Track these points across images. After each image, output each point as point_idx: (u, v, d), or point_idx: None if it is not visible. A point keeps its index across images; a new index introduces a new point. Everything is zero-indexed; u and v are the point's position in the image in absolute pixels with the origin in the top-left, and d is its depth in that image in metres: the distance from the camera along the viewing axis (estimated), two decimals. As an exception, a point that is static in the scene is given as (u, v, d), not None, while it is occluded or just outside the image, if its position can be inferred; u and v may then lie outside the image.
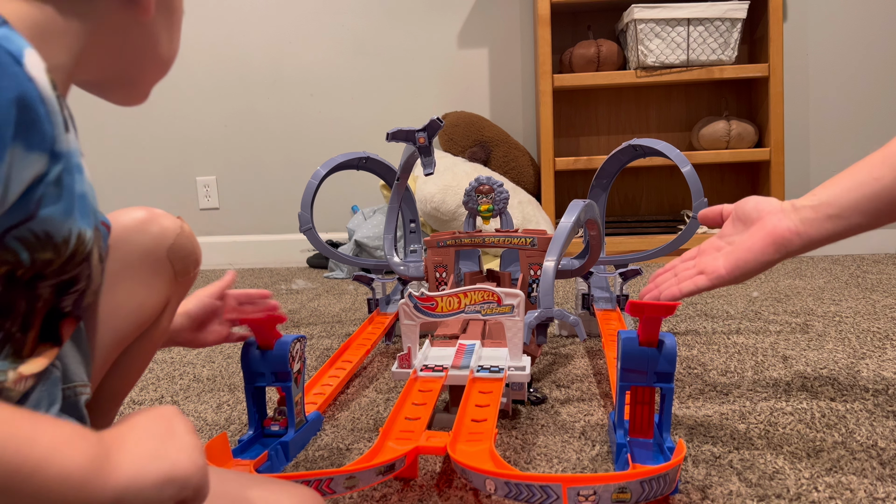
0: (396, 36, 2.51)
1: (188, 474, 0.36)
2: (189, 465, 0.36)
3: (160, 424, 0.38)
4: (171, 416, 0.39)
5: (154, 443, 0.37)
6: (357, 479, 0.60)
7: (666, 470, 0.55)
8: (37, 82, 0.35)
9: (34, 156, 0.36)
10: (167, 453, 0.36)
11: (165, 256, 0.62)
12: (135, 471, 0.35)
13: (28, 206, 0.37)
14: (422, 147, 1.05)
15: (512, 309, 0.82)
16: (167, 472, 0.35)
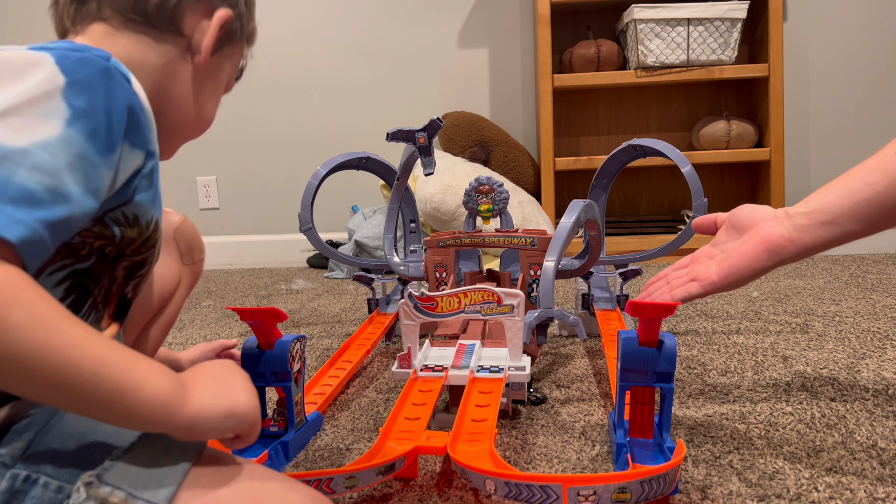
0: (397, 36, 2.51)
1: (246, 410, 0.43)
2: (247, 403, 0.44)
3: (225, 371, 0.45)
4: (232, 366, 0.47)
5: (220, 384, 0.44)
6: (357, 479, 0.60)
7: (666, 470, 0.55)
8: (140, 97, 0.46)
9: (136, 152, 0.46)
10: (231, 392, 0.43)
11: (172, 237, 0.73)
12: (205, 402, 0.42)
13: (127, 192, 0.47)
14: (422, 147, 1.05)
15: (512, 309, 0.82)
16: (230, 407, 0.43)
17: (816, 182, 2.41)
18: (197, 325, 1.54)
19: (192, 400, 0.41)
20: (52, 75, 0.42)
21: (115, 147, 0.44)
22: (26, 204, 0.38)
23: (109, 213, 0.47)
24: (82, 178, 0.41)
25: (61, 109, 0.41)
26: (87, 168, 0.42)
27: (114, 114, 0.44)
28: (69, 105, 0.41)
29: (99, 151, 0.42)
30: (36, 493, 0.41)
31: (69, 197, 0.40)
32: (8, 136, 0.39)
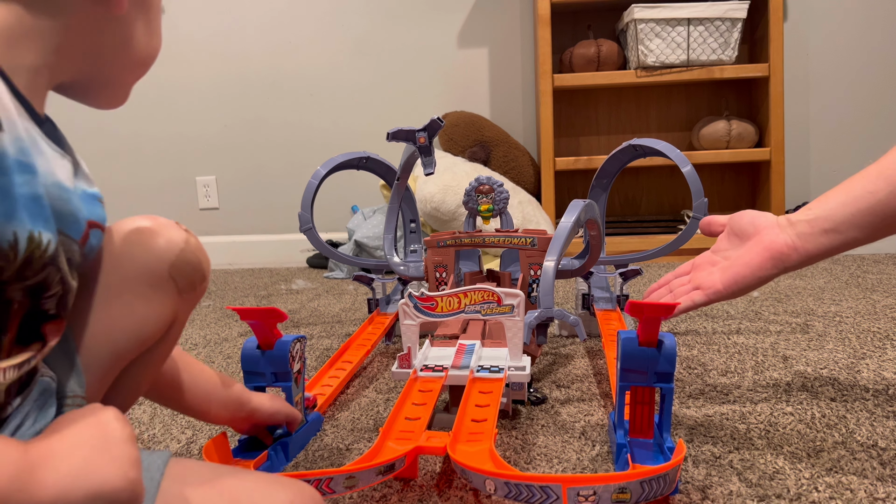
0: (396, 36, 2.51)
1: (117, 489, 0.34)
2: (119, 480, 0.35)
3: (93, 433, 0.36)
4: (106, 423, 0.37)
5: (84, 455, 0.35)
6: (357, 479, 0.60)
7: (666, 470, 0.55)
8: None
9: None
10: (97, 468, 0.34)
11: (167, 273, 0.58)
12: (60, 488, 0.33)
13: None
14: (422, 147, 1.05)
15: (512, 309, 0.82)
16: (95, 489, 0.34)
17: (816, 182, 2.41)
18: (197, 325, 1.54)
19: (41, 488, 0.33)
20: None
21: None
22: None
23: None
24: None
25: None
26: None
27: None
28: None
29: None
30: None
31: None
32: None
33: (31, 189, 0.39)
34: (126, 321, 0.56)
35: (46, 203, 0.40)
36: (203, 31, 2.56)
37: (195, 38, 2.56)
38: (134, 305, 0.56)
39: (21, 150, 0.39)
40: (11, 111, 0.38)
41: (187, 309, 0.63)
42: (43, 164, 0.40)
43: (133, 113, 2.58)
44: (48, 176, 0.40)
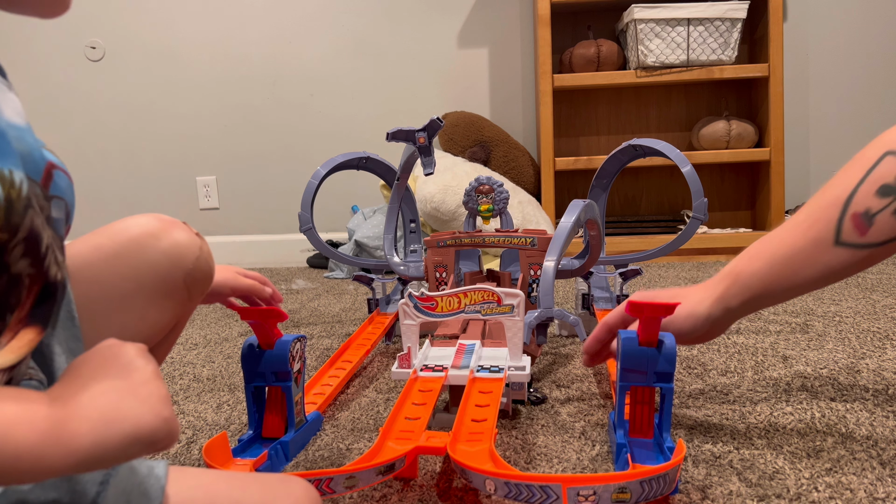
0: (396, 36, 2.51)
1: (153, 430, 0.33)
2: (153, 419, 0.33)
3: (115, 372, 0.34)
4: (128, 361, 0.35)
5: (112, 400, 0.33)
6: (357, 479, 0.60)
7: (666, 470, 0.55)
8: None
9: None
10: (128, 411, 0.33)
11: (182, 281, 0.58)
12: (95, 438, 0.32)
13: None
14: (422, 147, 1.05)
15: (512, 309, 0.82)
16: (130, 433, 0.32)
17: (816, 182, 2.42)
18: (197, 325, 1.54)
19: (76, 439, 0.31)
20: None
21: None
22: None
23: None
24: None
25: None
26: None
27: None
28: None
29: None
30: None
31: None
32: None
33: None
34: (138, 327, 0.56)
35: (9, 140, 0.35)
36: (203, 32, 2.56)
37: (195, 39, 2.56)
38: (147, 312, 0.57)
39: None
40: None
41: (190, 311, 0.65)
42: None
43: (133, 113, 2.58)
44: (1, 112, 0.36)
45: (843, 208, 0.61)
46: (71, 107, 2.58)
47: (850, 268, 0.64)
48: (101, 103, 2.57)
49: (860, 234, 0.61)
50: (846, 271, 0.64)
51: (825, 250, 0.63)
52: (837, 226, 0.62)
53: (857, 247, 0.62)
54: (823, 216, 0.63)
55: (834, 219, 0.62)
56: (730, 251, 2.23)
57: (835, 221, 0.62)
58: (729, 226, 2.40)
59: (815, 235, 0.63)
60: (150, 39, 2.57)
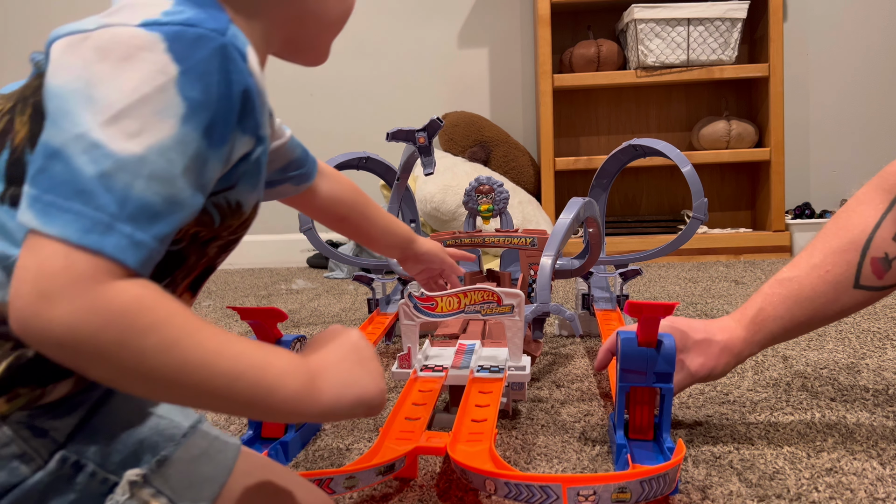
0: (397, 36, 2.51)
1: (374, 396, 0.42)
2: (374, 389, 0.42)
3: (351, 350, 0.44)
4: (357, 342, 0.45)
5: (348, 369, 0.42)
6: (357, 479, 0.60)
7: (666, 470, 0.55)
8: (255, 76, 0.42)
9: (247, 138, 0.43)
10: (359, 380, 0.42)
11: None
12: (335, 395, 0.41)
13: (231, 178, 0.44)
14: (422, 147, 1.05)
15: (512, 309, 0.82)
16: (359, 396, 0.42)
17: (816, 182, 2.42)
18: (197, 325, 1.54)
19: (322, 395, 0.40)
20: (164, 65, 0.38)
21: (228, 138, 0.41)
22: (146, 220, 0.36)
23: (211, 198, 0.44)
24: (194, 177, 0.39)
25: (176, 104, 0.38)
26: (200, 166, 0.39)
27: (230, 101, 0.40)
28: (184, 98, 0.38)
29: (212, 145, 0.39)
30: (81, 481, 0.41)
31: (184, 204, 0.38)
32: (122, 144, 0.36)
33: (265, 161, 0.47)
34: None
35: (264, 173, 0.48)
36: (203, 31, 2.55)
37: (195, 38, 2.56)
38: None
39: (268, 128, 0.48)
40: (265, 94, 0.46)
41: None
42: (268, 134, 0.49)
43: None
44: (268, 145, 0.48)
45: (861, 253, 0.63)
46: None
47: (864, 304, 0.67)
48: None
49: (878, 278, 0.63)
50: (860, 307, 0.68)
51: (844, 293, 0.65)
52: (857, 271, 0.64)
53: (875, 289, 0.64)
54: (842, 259, 0.65)
55: (854, 263, 0.64)
56: (730, 251, 2.23)
57: (854, 266, 0.64)
58: (729, 226, 2.40)
59: (835, 280, 0.66)
60: (150, 39, 2.56)
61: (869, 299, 0.67)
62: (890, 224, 0.63)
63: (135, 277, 0.36)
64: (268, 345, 0.40)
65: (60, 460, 0.41)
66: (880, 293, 0.65)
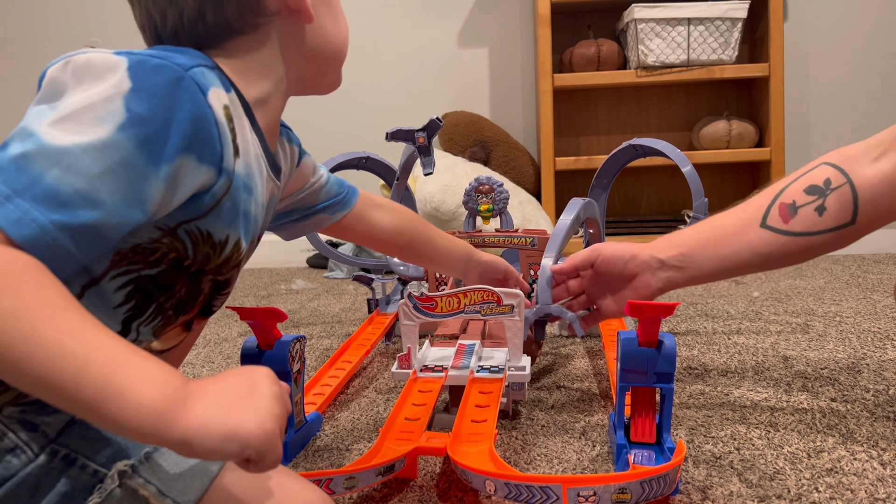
0: (397, 36, 2.51)
1: (250, 434, 0.37)
2: (255, 427, 0.37)
3: (245, 384, 0.39)
4: (259, 379, 0.40)
5: (229, 399, 0.38)
6: (357, 479, 0.60)
7: (666, 470, 0.55)
8: (214, 110, 0.44)
9: (204, 168, 0.44)
10: (236, 412, 0.37)
11: None
12: (202, 420, 0.36)
13: (199, 207, 0.46)
14: (421, 147, 1.05)
15: (512, 309, 0.82)
16: (231, 430, 0.36)
17: (817, 182, 2.41)
18: (197, 325, 1.54)
19: (186, 416, 0.36)
20: (120, 82, 0.41)
21: (171, 159, 0.41)
22: (48, 204, 0.37)
23: (183, 225, 0.46)
24: (124, 187, 0.40)
25: (117, 114, 0.40)
26: (133, 177, 0.40)
27: (175, 124, 0.41)
28: (127, 109, 0.40)
29: (150, 161, 0.40)
30: (72, 474, 0.42)
31: (99, 203, 0.39)
32: (53, 136, 0.38)
33: (247, 206, 0.50)
34: None
35: (254, 220, 0.51)
36: (203, 31, 2.55)
37: (195, 38, 2.55)
38: None
39: (248, 175, 0.49)
40: (248, 142, 0.49)
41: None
42: (259, 187, 0.51)
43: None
44: (259, 197, 0.51)
45: (773, 198, 0.69)
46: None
47: (771, 253, 0.70)
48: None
49: (783, 222, 0.68)
50: (767, 257, 0.70)
51: (751, 229, 0.70)
52: (766, 211, 0.69)
53: (778, 232, 0.68)
54: (756, 202, 0.71)
55: (764, 205, 0.69)
56: (730, 251, 2.22)
57: (765, 207, 0.69)
58: (729, 226, 2.40)
59: (746, 216, 0.71)
60: (150, 39, 2.56)
61: (773, 244, 0.69)
62: (806, 180, 0.68)
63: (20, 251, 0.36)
64: (143, 352, 0.38)
65: (51, 453, 0.42)
66: (783, 238, 0.68)
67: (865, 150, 0.67)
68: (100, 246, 0.40)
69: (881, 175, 0.65)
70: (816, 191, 0.67)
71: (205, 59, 0.47)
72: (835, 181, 0.66)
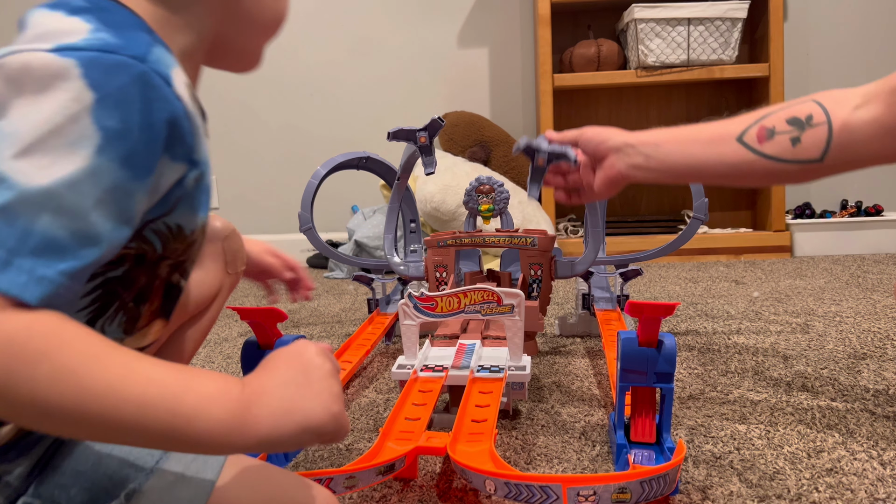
0: (397, 36, 2.51)
1: (321, 422, 0.37)
2: (322, 413, 0.37)
3: (297, 370, 0.39)
4: (309, 360, 0.39)
5: (290, 392, 0.37)
6: (357, 479, 0.60)
7: (666, 470, 0.55)
8: (183, 100, 0.40)
9: (177, 164, 0.41)
10: (302, 404, 0.37)
11: (221, 246, 0.71)
12: (272, 423, 0.36)
13: (167, 204, 0.42)
14: (422, 146, 1.05)
15: (512, 309, 0.82)
16: (302, 424, 0.37)
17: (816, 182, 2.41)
18: (197, 325, 1.54)
19: (256, 423, 0.36)
20: (79, 93, 0.36)
21: (154, 167, 0.39)
22: (50, 255, 0.34)
23: (150, 225, 0.42)
24: (115, 210, 0.37)
25: (90, 134, 0.36)
26: (121, 198, 0.37)
27: (152, 130, 0.38)
28: (100, 127, 0.36)
29: (135, 177, 0.37)
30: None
31: (99, 238, 0.36)
32: (30, 176, 0.34)
33: (208, 181, 0.45)
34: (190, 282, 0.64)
35: (210, 192, 0.46)
36: (203, 31, 2.55)
37: (195, 38, 2.56)
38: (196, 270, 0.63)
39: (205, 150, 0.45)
40: (197, 117, 0.43)
41: (229, 287, 0.75)
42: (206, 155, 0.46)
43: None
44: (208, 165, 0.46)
45: (757, 119, 0.72)
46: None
47: (737, 166, 0.72)
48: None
49: (758, 142, 0.71)
50: (733, 168, 0.73)
51: (726, 140, 0.73)
52: (746, 128, 0.72)
53: (750, 149, 0.72)
54: (740, 119, 0.74)
55: (746, 123, 0.73)
56: (730, 251, 2.22)
57: (745, 125, 0.73)
58: (729, 226, 2.40)
59: (724, 128, 0.74)
60: (150, 39, 2.57)
61: (744, 160, 0.72)
62: (790, 111, 0.71)
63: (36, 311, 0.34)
64: (193, 368, 0.37)
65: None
66: (754, 157, 0.71)
67: (853, 96, 0.69)
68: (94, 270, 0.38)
69: (857, 123, 0.68)
70: (796, 123, 0.70)
71: (144, 30, 0.41)
72: (816, 119, 0.69)
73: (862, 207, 2.29)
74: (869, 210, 2.28)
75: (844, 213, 2.30)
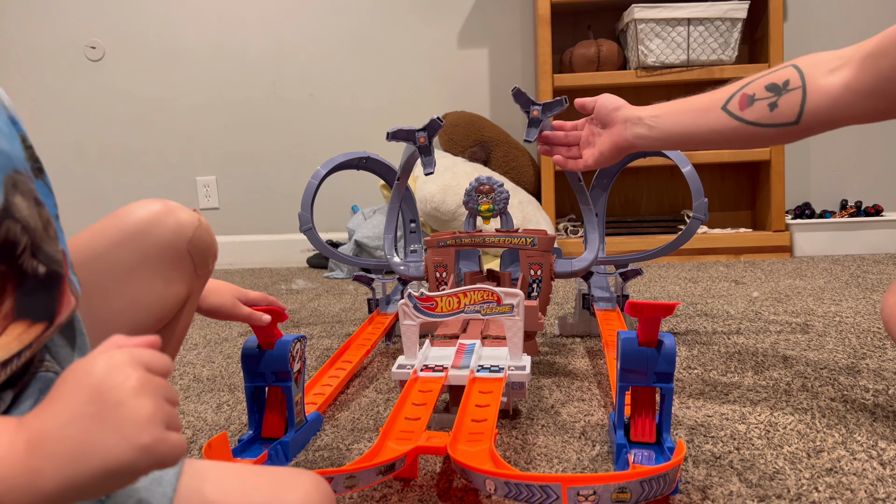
0: (397, 36, 2.51)
1: (128, 460, 0.29)
2: (126, 449, 0.29)
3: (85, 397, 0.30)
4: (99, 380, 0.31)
5: (77, 430, 0.30)
6: (357, 478, 0.60)
7: (666, 470, 0.55)
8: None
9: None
10: (96, 443, 0.29)
11: (185, 250, 0.60)
12: (61, 476, 0.29)
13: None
14: (422, 147, 1.05)
15: (512, 308, 0.82)
16: (101, 467, 0.29)
17: (816, 182, 2.41)
18: (197, 325, 1.54)
19: (41, 477, 0.28)
20: None
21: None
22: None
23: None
24: None
25: None
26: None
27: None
28: None
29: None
30: None
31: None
32: None
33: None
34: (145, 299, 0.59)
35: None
36: (203, 32, 2.55)
37: (195, 39, 2.55)
38: (153, 282, 0.59)
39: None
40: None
41: (200, 286, 0.67)
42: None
43: (133, 113, 2.58)
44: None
45: (740, 87, 0.78)
46: (71, 107, 2.58)
47: (724, 132, 0.79)
48: (101, 103, 2.57)
49: (740, 109, 0.77)
50: (720, 135, 0.79)
51: (713, 109, 0.80)
52: (730, 96, 0.79)
53: (734, 116, 0.78)
54: (726, 88, 0.80)
55: (731, 92, 0.79)
56: (730, 251, 2.22)
57: (730, 93, 0.79)
58: (729, 226, 2.40)
59: (713, 97, 0.81)
60: (150, 39, 2.56)
61: (728, 126, 0.78)
62: (770, 77, 0.76)
63: None
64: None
65: None
66: (737, 123, 0.77)
67: (829, 60, 0.73)
68: None
69: (830, 87, 0.71)
70: (774, 89, 0.75)
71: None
72: (792, 83, 0.74)
73: (862, 207, 2.30)
74: (869, 210, 2.28)
75: (844, 213, 2.30)
